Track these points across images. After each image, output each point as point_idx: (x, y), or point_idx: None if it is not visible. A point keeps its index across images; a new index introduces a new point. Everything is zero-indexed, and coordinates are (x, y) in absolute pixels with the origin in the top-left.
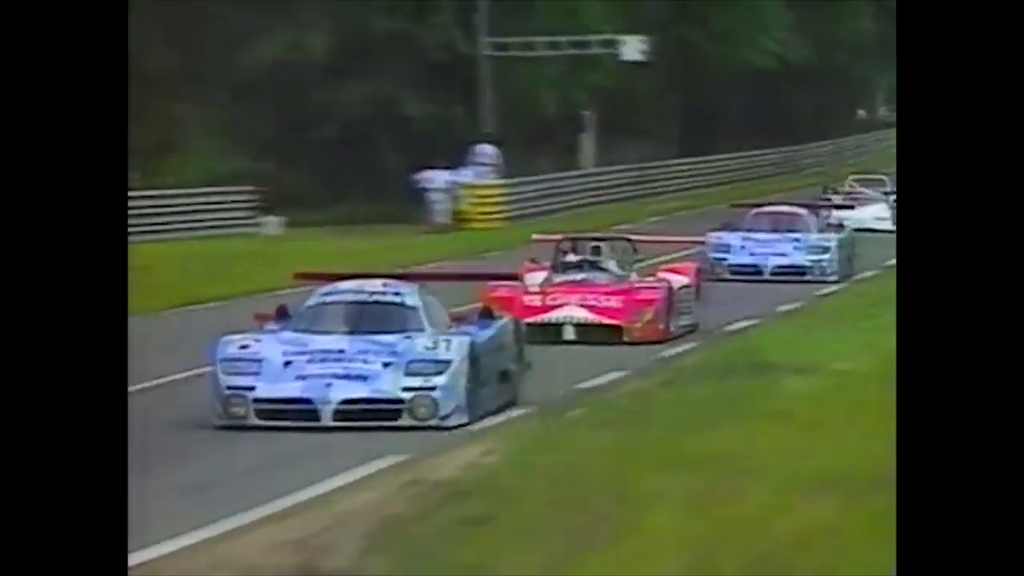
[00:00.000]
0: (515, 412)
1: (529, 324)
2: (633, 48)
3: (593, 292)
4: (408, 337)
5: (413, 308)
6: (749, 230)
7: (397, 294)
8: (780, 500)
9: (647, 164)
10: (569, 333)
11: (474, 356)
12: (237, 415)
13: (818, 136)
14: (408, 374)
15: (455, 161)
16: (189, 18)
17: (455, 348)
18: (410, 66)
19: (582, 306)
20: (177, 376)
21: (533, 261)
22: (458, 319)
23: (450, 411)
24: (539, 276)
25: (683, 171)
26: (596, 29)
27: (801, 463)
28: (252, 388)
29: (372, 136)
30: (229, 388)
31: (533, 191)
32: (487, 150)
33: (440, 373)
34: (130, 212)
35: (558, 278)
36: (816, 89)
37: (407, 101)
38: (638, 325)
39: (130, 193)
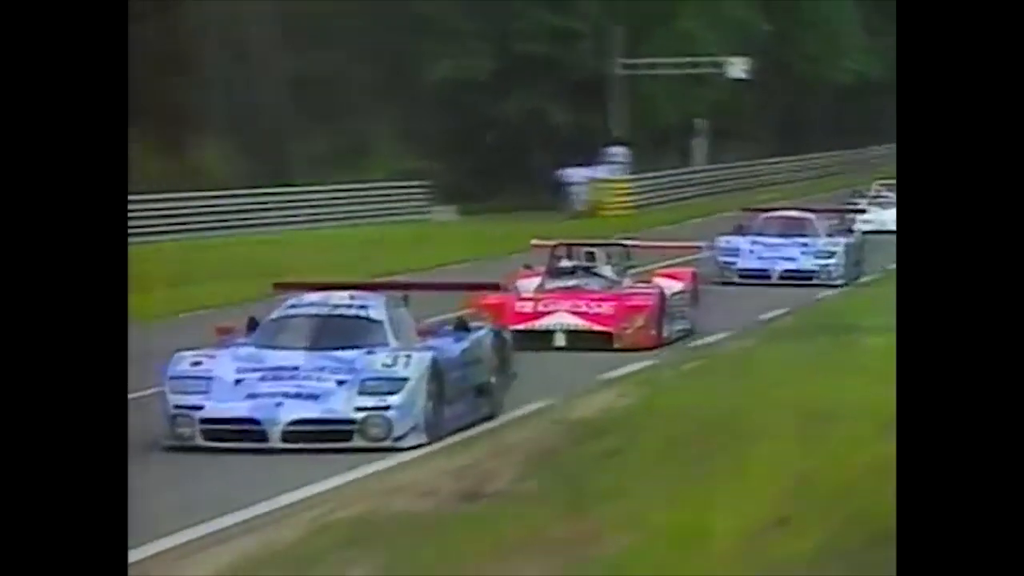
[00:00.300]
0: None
1: (520, 331)
2: (738, 68)
3: (584, 298)
4: (369, 353)
5: (378, 322)
6: (758, 234)
7: (362, 307)
8: (860, 437)
9: (747, 162)
10: (560, 340)
11: (438, 372)
12: (184, 436)
13: (888, 139)
14: (361, 393)
15: (591, 160)
16: (379, 45)
17: (414, 365)
18: (556, 83)
19: (573, 313)
20: None
21: (527, 267)
22: (424, 333)
23: (405, 431)
24: (534, 282)
25: (778, 168)
26: (707, 52)
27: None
28: (199, 407)
29: (524, 140)
30: (176, 407)
31: (654, 184)
32: (617, 151)
33: (395, 392)
34: (326, 203)
35: (551, 284)
36: (888, 100)
37: (553, 112)
38: (628, 332)
39: (324, 186)
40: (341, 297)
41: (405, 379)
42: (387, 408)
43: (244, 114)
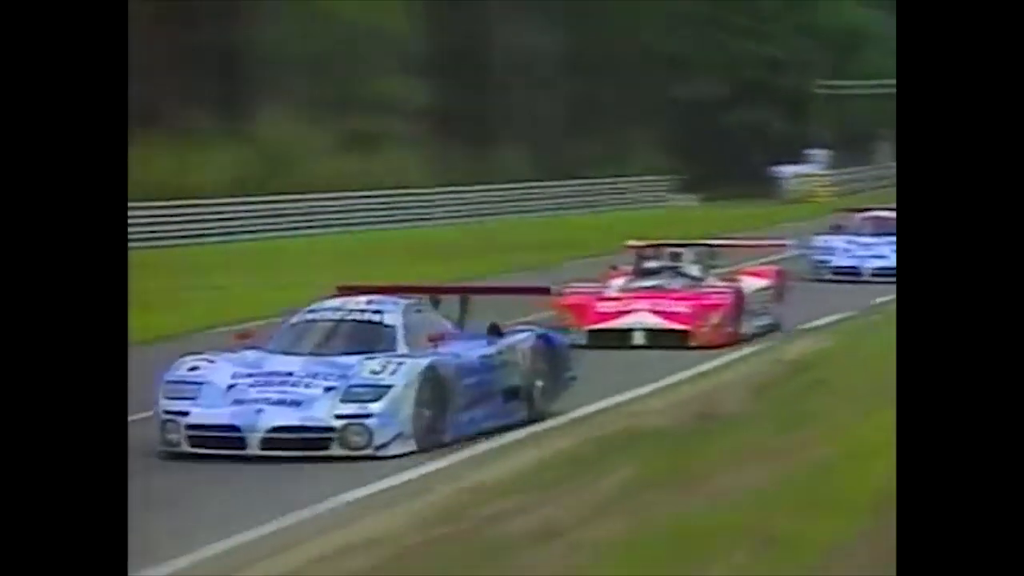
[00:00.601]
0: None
1: (601, 330)
2: None
3: (664, 297)
4: (370, 358)
5: (390, 327)
6: (854, 234)
7: (377, 312)
8: None
9: None
10: (638, 338)
11: (435, 378)
12: (172, 442)
13: None
14: (344, 400)
15: (799, 159)
16: (637, 72)
17: (403, 372)
18: (775, 99)
19: (652, 312)
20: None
21: (614, 268)
22: (436, 338)
23: (388, 440)
24: (620, 281)
25: None
26: (890, 75)
27: None
28: (186, 413)
29: (748, 144)
30: (166, 413)
31: (848, 179)
32: (820, 152)
33: (378, 399)
34: (596, 192)
35: (635, 283)
36: None
37: (772, 122)
38: (704, 329)
39: (588, 180)
40: (358, 302)
41: (389, 386)
42: (368, 416)
43: (533, 123)
